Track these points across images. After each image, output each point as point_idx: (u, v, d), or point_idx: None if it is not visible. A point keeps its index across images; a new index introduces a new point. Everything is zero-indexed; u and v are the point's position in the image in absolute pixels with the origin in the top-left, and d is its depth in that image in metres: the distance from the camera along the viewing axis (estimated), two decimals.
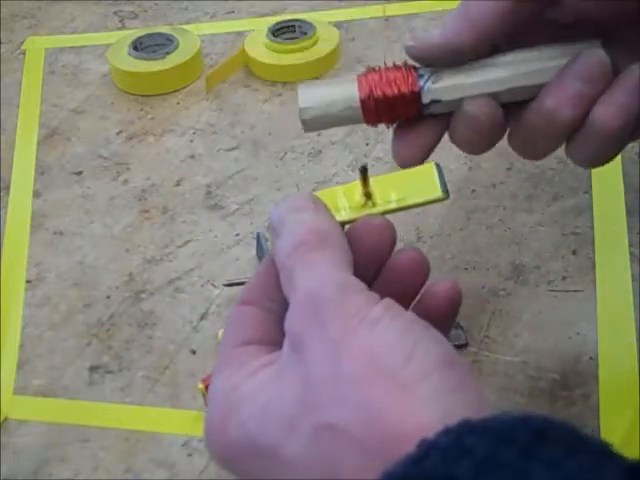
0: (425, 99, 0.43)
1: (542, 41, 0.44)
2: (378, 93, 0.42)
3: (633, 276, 0.56)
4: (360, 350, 0.33)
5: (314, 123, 0.43)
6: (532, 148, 0.45)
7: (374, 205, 0.42)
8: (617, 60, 0.42)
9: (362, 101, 0.43)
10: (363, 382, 0.32)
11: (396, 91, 0.42)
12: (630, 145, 0.44)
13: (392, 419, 0.31)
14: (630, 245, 0.57)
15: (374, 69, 0.43)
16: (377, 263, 0.39)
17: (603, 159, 0.44)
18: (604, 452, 0.28)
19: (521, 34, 0.44)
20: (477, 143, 0.44)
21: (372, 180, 0.42)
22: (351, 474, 0.31)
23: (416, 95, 0.42)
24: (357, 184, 0.42)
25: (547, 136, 0.43)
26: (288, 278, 0.36)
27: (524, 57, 0.43)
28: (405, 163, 0.45)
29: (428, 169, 0.43)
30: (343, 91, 0.43)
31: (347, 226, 0.40)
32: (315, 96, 0.43)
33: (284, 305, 0.36)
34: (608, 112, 0.41)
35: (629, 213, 0.60)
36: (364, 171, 0.41)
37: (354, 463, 0.31)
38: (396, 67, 0.44)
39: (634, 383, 0.50)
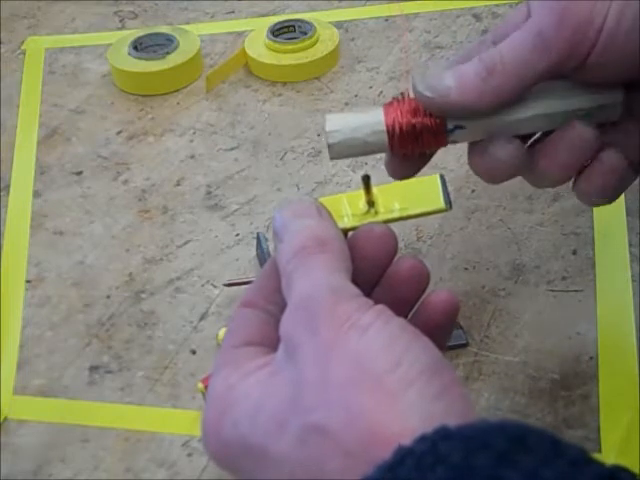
0: (450, 125, 0.43)
1: None
2: (403, 119, 0.43)
3: (633, 276, 0.56)
4: (349, 355, 0.33)
5: (340, 148, 0.44)
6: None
7: (377, 213, 0.42)
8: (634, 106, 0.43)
9: (387, 126, 0.43)
10: (350, 386, 0.32)
11: (420, 117, 0.43)
12: None
13: (376, 423, 0.32)
14: (630, 245, 0.58)
15: (402, 97, 0.44)
16: (378, 270, 0.40)
17: (601, 203, 0.46)
18: (581, 459, 0.28)
19: None
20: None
21: (376, 189, 0.42)
22: (335, 475, 0.32)
23: (441, 121, 0.43)
24: (361, 192, 0.42)
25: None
26: (288, 282, 0.37)
27: (548, 97, 0.43)
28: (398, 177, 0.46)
29: (432, 180, 0.43)
30: (369, 117, 0.44)
31: (350, 233, 0.41)
32: (341, 121, 0.44)
33: (284, 308, 0.37)
34: (589, 189, 0.44)
35: (629, 213, 0.60)
36: (367, 179, 0.41)
37: (338, 465, 0.32)
38: None
39: (634, 383, 0.50)
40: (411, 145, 0.43)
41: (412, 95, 0.44)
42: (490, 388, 0.50)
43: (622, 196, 0.60)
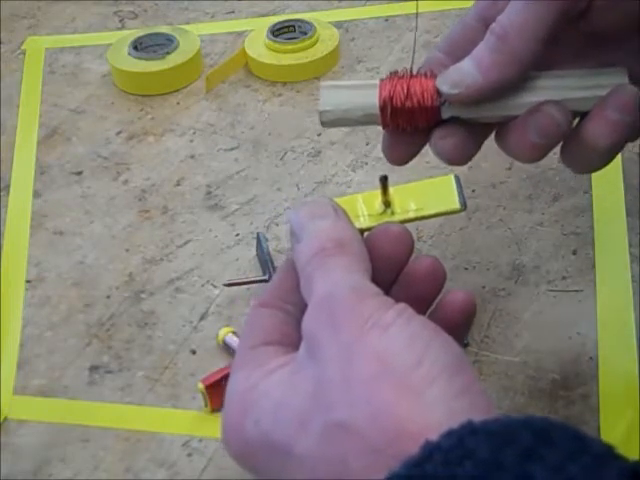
0: (444, 114, 0.42)
1: (558, 54, 0.43)
2: (397, 104, 0.42)
3: (633, 276, 0.56)
4: (372, 353, 0.33)
5: (332, 123, 0.44)
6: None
7: (393, 214, 0.42)
8: (629, 67, 0.42)
9: (381, 110, 0.42)
10: (373, 383, 0.33)
11: (416, 104, 0.42)
12: (630, 145, 0.44)
13: (400, 419, 0.32)
14: (630, 245, 0.57)
15: (397, 74, 0.43)
16: (395, 269, 0.40)
17: (595, 169, 0.44)
18: (606, 453, 0.28)
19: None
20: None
21: (392, 189, 0.42)
22: (359, 472, 0.32)
23: (435, 109, 0.42)
24: (377, 193, 0.42)
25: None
26: (307, 282, 0.37)
27: (552, 83, 0.42)
28: (398, 163, 0.45)
29: (447, 181, 0.43)
30: (363, 98, 0.43)
31: (366, 233, 0.41)
32: (335, 100, 0.43)
33: (302, 308, 0.37)
34: (598, 129, 0.41)
35: (629, 213, 0.59)
36: (384, 180, 0.41)
37: (363, 462, 0.32)
38: (419, 76, 0.43)
39: (634, 383, 0.50)
40: (403, 125, 0.43)
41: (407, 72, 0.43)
42: (490, 388, 0.50)
43: (622, 196, 0.61)
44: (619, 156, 0.44)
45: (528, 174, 0.63)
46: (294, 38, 0.77)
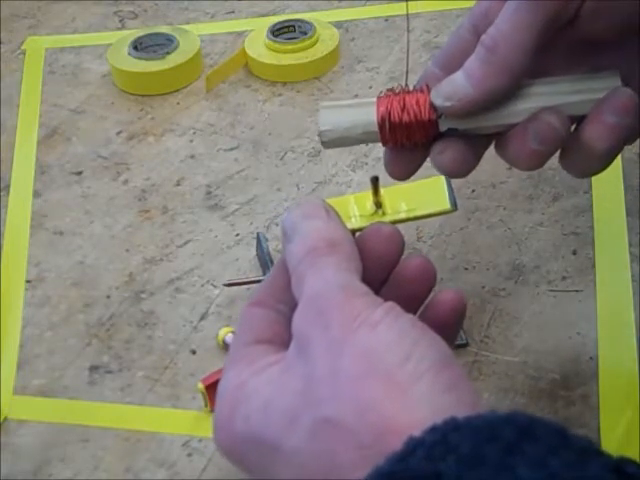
0: (442, 127, 0.42)
1: (551, 61, 0.44)
2: (395, 119, 0.42)
3: (633, 276, 0.56)
4: (360, 350, 0.34)
5: (333, 143, 0.44)
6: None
7: (384, 214, 0.43)
8: (622, 71, 0.42)
9: (380, 126, 0.43)
10: (361, 380, 0.33)
11: (413, 118, 0.42)
12: (630, 145, 0.45)
13: (387, 416, 0.32)
14: (630, 245, 0.57)
15: (394, 91, 0.43)
16: (385, 269, 0.40)
17: (594, 172, 0.44)
18: (589, 449, 0.29)
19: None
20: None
21: (383, 190, 0.42)
22: (347, 468, 0.32)
23: (433, 122, 0.42)
24: (368, 193, 0.43)
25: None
26: (298, 281, 0.38)
27: (545, 90, 0.42)
28: (400, 179, 0.45)
29: (438, 182, 0.44)
30: (362, 116, 0.43)
31: (357, 233, 0.41)
32: (334, 119, 0.43)
33: (294, 307, 0.38)
34: (596, 133, 0.41)
35: (629, 213, 0.60)
36: (375, 181, 0.41)
37: (350, 457, 0.32)
38: (415, 91, 0.43)
39: (634, 383, 0.50)
40: (402, 140, 0.43)
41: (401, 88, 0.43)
42: (490, 388, 0.50)
43: (622, 196, 0.61)
44: (619, 156, 0.44)
45: (528, 174, 0.63)
46: (294, 38, 0.77)
